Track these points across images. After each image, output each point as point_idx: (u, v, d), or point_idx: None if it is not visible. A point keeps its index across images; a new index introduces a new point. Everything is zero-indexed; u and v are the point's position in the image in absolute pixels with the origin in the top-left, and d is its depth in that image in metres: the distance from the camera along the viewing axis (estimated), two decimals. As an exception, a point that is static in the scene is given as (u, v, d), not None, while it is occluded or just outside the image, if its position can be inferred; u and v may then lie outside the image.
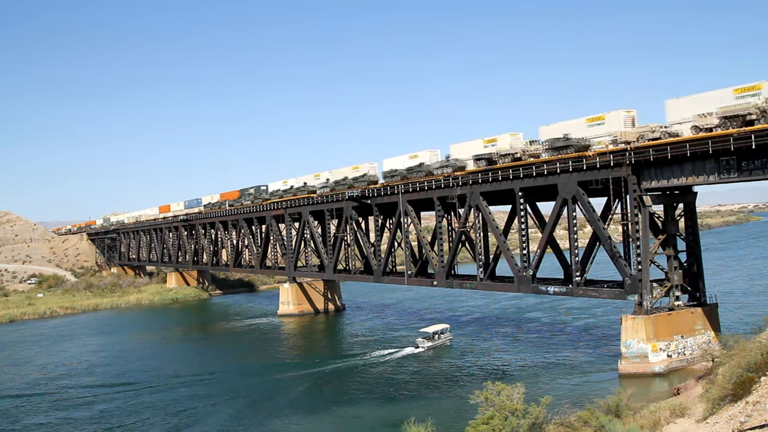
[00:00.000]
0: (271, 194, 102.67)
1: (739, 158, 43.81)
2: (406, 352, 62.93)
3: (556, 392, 42.28)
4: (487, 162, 61.95)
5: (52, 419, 47.68)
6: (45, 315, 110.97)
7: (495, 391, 29.38)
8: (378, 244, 79.73)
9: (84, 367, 66.23)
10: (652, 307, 49.59)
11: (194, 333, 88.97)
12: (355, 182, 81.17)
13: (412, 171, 71.57)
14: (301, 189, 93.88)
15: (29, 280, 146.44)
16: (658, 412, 28.76)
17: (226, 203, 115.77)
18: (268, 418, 44.46)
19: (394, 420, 39.73)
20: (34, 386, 58.80)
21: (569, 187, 54.38)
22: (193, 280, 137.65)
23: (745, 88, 44.03)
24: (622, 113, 52.26)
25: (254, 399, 49.82)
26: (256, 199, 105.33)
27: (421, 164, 70.47)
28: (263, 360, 65.49)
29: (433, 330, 65.63)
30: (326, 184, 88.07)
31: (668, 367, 48.31)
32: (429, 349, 63.14)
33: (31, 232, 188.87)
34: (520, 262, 60.24)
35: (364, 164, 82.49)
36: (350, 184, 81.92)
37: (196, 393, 52.65)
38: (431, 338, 64.63)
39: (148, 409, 48.67)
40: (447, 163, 66.67)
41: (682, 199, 52.70)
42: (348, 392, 50.49)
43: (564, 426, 28.18)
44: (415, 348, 63.77)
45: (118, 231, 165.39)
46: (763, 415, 21.19)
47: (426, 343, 63.94)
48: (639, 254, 50.19)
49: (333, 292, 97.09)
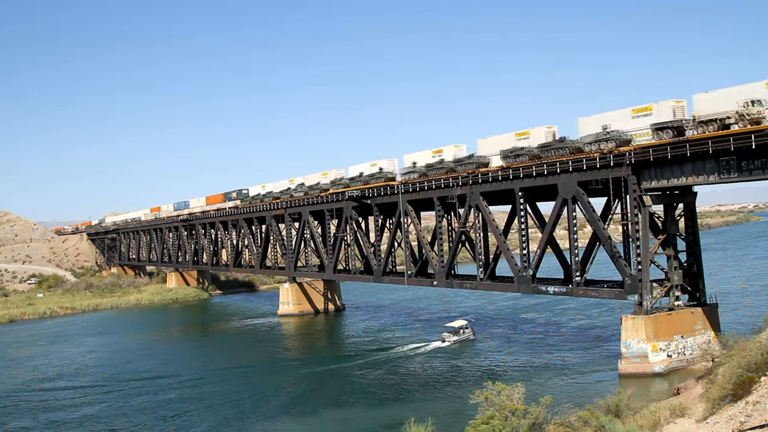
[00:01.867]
0: (252, 198, 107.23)
1: (739, 158, 43.81)
2: (433, 346, 64.77)
3: (556, 392, 42.25)
4: None
5: (37, 422, 46.93)
6: (45, 315, 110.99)
7: (495, 390, 29.40)
8: (378, 244, 79.73)
9: (76, 368, 65.78)
10: (652, 307, 49.60)
11: (194, 333, 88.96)
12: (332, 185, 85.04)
13: (432, 168, 68.78)
14: (284, 192, 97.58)
15: (29, 280, 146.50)
16: (658, 412, 28.77)
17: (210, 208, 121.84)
18: (268, 418, 44.42)
19: (394, 420, 39.76)
20: (25, 387, 58.27)
21: (569, 187, 54.37)
22: (193, 280, 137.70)
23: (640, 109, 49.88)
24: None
25: (254, 399, 49.76)
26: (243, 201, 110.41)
27: (441, 160, 67.80)
28: (263, 360, 65.49)
29: (458, 325, 67.95)
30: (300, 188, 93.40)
31: (668, 367, 48.32)
32: (455, 343, 65.13)
33: (31, 232, 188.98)
34: (520, 262, 60.24)
35: (332, 171, 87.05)
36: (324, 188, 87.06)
37: (193, 394, 52.52)
38: (456, 333, 66.58)
39: (138, 411, 48.07)
40: (470, 161, 63.85)
41: (682, 199, 52.70)
42: (348, 392, 50.46)
43: (564, 426, 28.18)
44: (442, 342, 65.71)
45: (118, 231, 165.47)
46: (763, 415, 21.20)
47: (452, 337, 66.00)
48: (639, 254, 50.19)
49: (333, 292, 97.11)
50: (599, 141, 51.86)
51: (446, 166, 66.65)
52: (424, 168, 69.49)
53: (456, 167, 65.46)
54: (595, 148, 52.43)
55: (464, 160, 64.51)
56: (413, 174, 71.05)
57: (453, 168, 65.80)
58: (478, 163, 62.94)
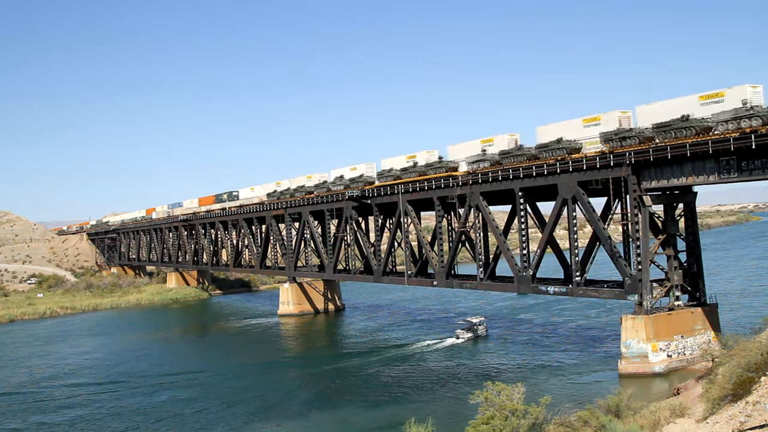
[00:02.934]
0: (243, 199, 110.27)
1: (739, 158, 43.81)
2: (448, 343, 65.80)
3: (556, 392, 42.25)
4: None
5: (27, 424, 46.47)
6: (45, 315, 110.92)
7: (495, 391, 29.41)
8: (378, 244, 79.73)
9: (72, 369, 65.35)
10: (652, 307, 49.60)
11: (193, 333, 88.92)
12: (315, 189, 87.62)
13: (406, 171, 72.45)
14: (271, 194, 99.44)
15: (29, 280, 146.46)
16: (658, 412, 28.75)
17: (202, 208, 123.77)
18: (268, 419, 44.43)
19: (394, 420, 39.76)
20: (19, 388, 57.99)
21: (569, 187, 54.38)
22: (193, 280, 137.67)
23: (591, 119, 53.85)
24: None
25: (253, 399, 49.78)
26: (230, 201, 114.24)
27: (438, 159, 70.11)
28: (263, 360, 65.38)
29: (471, 321, 68.73)
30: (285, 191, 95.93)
31: (668, 367, 48.32)
32: (468, 340, 66.01)
33: (31, 232, 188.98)
34: (520, 262, 60.24)
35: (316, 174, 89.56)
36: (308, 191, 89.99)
37: (191, 394, 52.48)
38: (470, 329, 67.22)
39: (132, 412, 47.63)
40: None
41: (682, 199, 52.70)
42: (347, 392, 50.49)
43: (564, 426, 28.17)
44: (456, 339, 66.58)
45: (118, 231, 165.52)
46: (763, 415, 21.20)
47: (465, 334, 66.71)
48: (639, 254, 50.19)
49: (333, 292, 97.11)
50: (385, 176, 62.33)
51: (418, 170, 70.23)
52: (399, 171, 73.18)
53: (427, 171, 69.21)
54: (549, 155, 55.77)
55: (434, 165, 68.59)
56: (389, 177, 75.20)
57: (424, 172, 69.45)
58: (447, 167, 66.66)
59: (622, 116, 53.05)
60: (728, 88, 46.27)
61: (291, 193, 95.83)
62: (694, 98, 47.19)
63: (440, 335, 70.36)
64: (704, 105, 46.79)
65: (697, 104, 46.86)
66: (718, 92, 46.85)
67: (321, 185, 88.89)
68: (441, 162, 67.87)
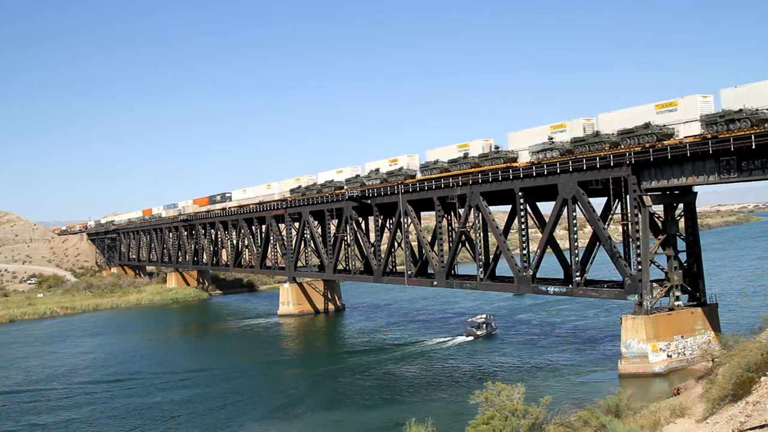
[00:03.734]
0: (241, 200, 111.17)
1: (739, 158, 43.82)
2: (459, 341, 66.58)
3: (556, 392, 42.24)
4: None
5: (19, 425, 46.20)
6: (45, 315, 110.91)
7: (495, 391, 29.41)
8: (378, 244, 79.73)
9: (69, 369, 65.09)
10: (652, 307, 49.58)
11: (193, 333, 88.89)
12: None
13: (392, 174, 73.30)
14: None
15: (29, 280, 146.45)
16: (658, 412, 28.76)
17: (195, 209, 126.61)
18: (268, 419, 44.42)
19: (395, 420, 39.78)
20: (14, 389, 57.81)
21: (569, 187, 54.38)
22: (193, 280, 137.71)
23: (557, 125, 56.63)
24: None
25: (253, 399, 49.76)
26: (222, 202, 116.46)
27: None
28: (263, 360, 65.38)
29: (480, 320, 69.18)
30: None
31: (668, 367, 48.31)
32: (478, 338, 66.54)
33: (31, 232, 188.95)
34: (520, 262, 60.24)
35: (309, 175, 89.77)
36: None
37: (190, 395, 52.42)
38: (480, 328, 67.77)
39: (128, 413, 47.42)
40: None
41: (682, 199, 52.70)
42: (347, 392, 50.46)
43: (564, 426, 28.18)
44: (467, 337, 67.11)
45: (118, 231, 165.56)
46: (763, 415, 21.21)
47: (477, 332, 67.25)
48: (639, 254, 50.18)
49: (333, 292, 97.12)
50: (430, 168, 63.57)
51: (470, 161, 66.43)
52: (446, 164, 68.91)
53: (481, 162, 65.16)
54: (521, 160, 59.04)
55: (490, 155, 64.60)
56: (434, 170, 70.26)
57: (477, 163, 65.30)
58: (505, 158, 62.75)
59: (586, 123, 55.87)
60: (681, 98, 49.20)
61: (318, 189, 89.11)
62: (651, 107, 50.14)
63: (441, 335, 70.39)
64: (660, 113, 49.60)
65: (654, 112, 49.75)
66: (671, 101, 49.56)
67: (353, 180, 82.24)
68: (498, 152, 61.53)
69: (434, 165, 68.64)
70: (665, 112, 49.02)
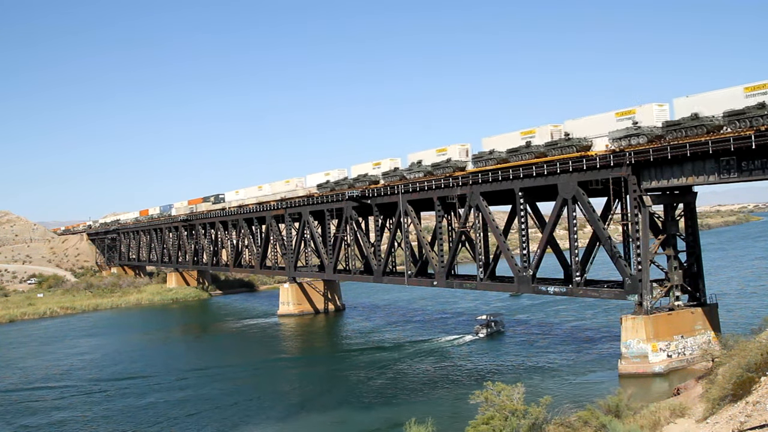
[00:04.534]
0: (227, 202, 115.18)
1: (739, 158, 43.81)
2: (467, 339, 67.20)
3: (556, 392, 42.28)
4: None
5: (12, 427, 45.92)
6: (45, 315, 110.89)
7: (495, 391, 29.42)
8: (378, 244, 79.72)
9: (67, 370, 64.93)
10: (652, 307, 49.58)
11: (193, 333, 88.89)
12: None
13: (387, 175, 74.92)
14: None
15: (29, 280, 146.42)
16: (658, 412, 28.78)
17: None
18: (268, 419, 44.39)
19: (395, 420, 39.75)
20: (10, 389, 57.63)
21: (569, 187, 54.37)
22: (193, 280, 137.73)
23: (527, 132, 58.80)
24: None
25: (253, 400, 49.74)
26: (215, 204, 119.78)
27: None
28: (263, 360, 65.36)
29: (489, 318, 69.60)
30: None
31: (668, 367, 48.30)
32: (486, 336, 66.99)
33: (31, 232, 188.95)
34: (520, 262, 60.24)
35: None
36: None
37: (189, 395, 52.31)
38: (489, 326, 68.18)
39: (123, 414, 47.15)
40: None
41: (682, 199, 52.69)
42: (347, 392, 50.40)
43: (564, 426, 28.20)
44: (475, 335, 67.54)
45: (118, 231, 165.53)
46: (763, 415, 21.21)
47: (485, 330, 67.66)
48: (639, 254, 50.18)
49: (333, 292, 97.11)
50: (485, 159, 61.87)
51: (535, 150, 61.56)
52: (505, 154, 64.11)
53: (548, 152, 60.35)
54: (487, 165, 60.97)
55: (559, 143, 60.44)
56: (490, 161, 65.10)
57: (544, 153, 60.78)
58: (578, 146, 60.01)
59: (554, 129, 57.27)
60: (638, 106, 50.35)
61: (349, 184, 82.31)
62: (611, 115, 51.90)
63: (441, 335, 70.43)
64: (620, 121, 51.08)
65: (614, 120, 51.31)
66: (630, 110, 50.80)
67: (392, 173, 75.66)
68: (569, 140, 54.68)
69: (489, 156, 62.05)
70: (624, 120, 51.12)
